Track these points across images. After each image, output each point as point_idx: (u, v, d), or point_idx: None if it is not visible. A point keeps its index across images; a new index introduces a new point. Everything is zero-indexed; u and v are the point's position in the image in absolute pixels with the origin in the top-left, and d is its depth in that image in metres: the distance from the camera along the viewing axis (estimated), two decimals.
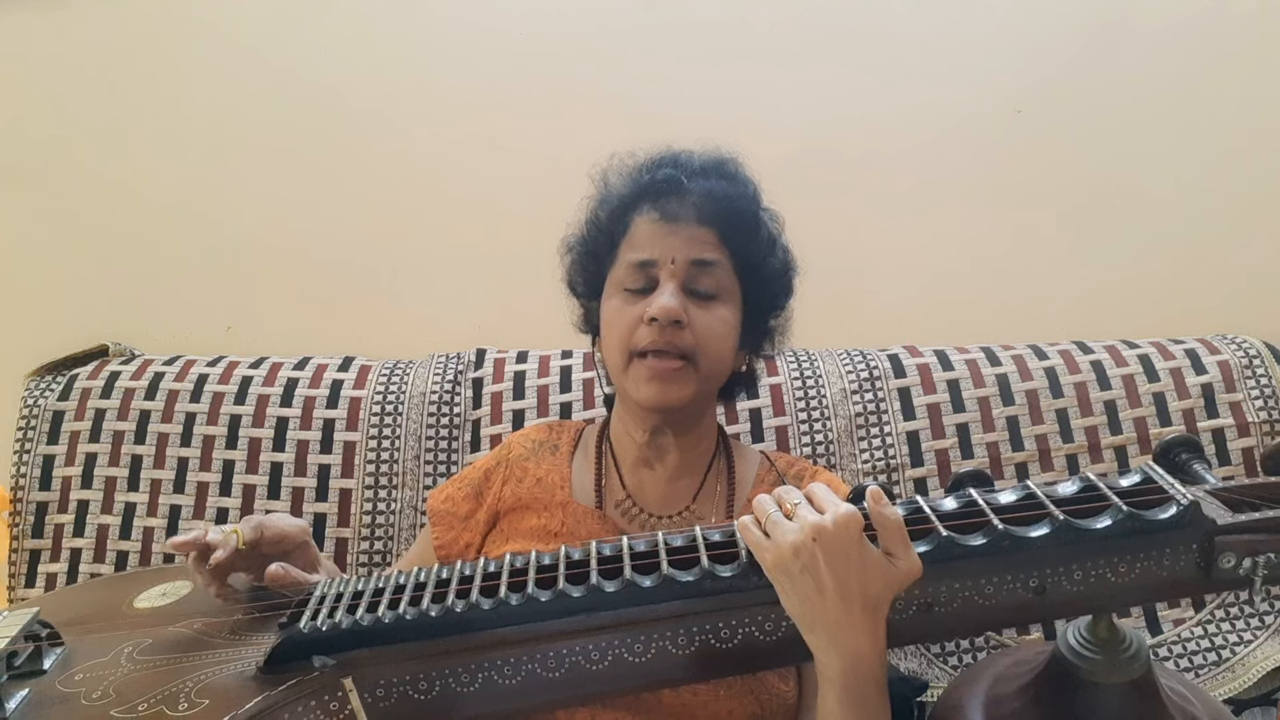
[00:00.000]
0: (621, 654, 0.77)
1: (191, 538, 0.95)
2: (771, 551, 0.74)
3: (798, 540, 0.73)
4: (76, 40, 1.73)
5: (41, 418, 1.54)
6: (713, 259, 1.03)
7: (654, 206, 1.04)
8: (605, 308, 1.07)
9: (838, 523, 0.73)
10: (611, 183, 1.12)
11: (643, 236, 1.04)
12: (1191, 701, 0.91)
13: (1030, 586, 0.76)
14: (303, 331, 1.71)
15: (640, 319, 1.01)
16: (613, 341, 1.05)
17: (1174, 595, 1.23)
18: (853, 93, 1.70)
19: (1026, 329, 1.59)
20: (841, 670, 0.74)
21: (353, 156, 1.75)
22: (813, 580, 0.72)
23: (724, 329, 1.04)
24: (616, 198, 1.09)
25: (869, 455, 1.45)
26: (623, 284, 1.05)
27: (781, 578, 0.74)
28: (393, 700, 0.77)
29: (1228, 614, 1.39)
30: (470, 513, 1.16)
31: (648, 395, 1.02)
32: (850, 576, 0.72)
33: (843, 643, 0.73)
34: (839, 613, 0.72)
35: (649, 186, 1.06)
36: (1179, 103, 1.68)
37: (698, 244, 1.02)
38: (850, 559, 0.72)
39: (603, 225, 1.10)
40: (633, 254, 1.04)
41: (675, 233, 1.02)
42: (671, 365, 1.01)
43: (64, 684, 0.82)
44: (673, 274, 1.01)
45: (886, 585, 0.73)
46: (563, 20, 1.70)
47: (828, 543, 0.72)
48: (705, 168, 1.07)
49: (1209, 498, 0.77)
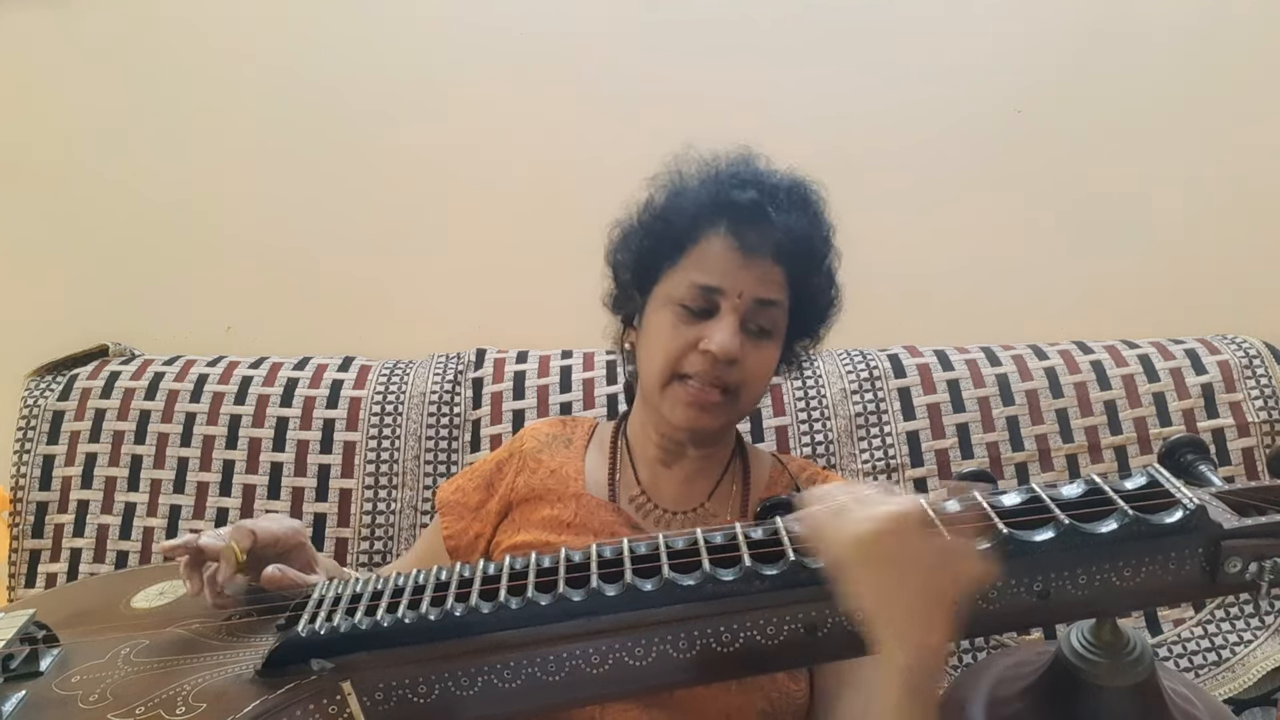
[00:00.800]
0: (622, 657, 0.77)
1: (183, 542, 0.93)
2: (851, 537, 0.72)
3: (867, 530, 0.71)
4: (76, 40, 1.73)
5: (41, 418, 1.54)
6: (777, 299, 1.01)
7: (732, 231, 0.99)
8: (655, 318, 1.04)
9: (902, 515, 0.71)
10: (687, 179, 1.06)
11: (713, 259, 1.00)
12: (1194, 703, 0.91)
13: (1034, 591, 0.75)
14: (303, 331, 1.71)
15: (693, 344, 0.99)
16: (659, 358, 1.02)
17: (1179, 599, 1.22)
18: (853, 92, 1.70)
19: (1026, 329, 1.59)
20: (908, 664, 0.72)
21: (353, 156, 1.74)
22: (895, 570, 0.71)
23: (769, 367, 1.04)
24: (692, 201, 1.03)
25: (869, 455, 1.45)
26: (680, 300, 1.01)
27: (859, 567, 0.72)
28: (392, 703, 0.77)
29: (1228, 614, 1.39)
30: (481, 503, 1.16)
31: (683, 418, 1.01)
32: (920, 571, 0.70)
33: (914, 635, 0.71)
34: (915, 603, 0.71)
35: (731, 206, 1.00)
36: (1179, 103, 1.68)
37: (767, 282, 1.00)
38: (918, 553, 0.71)
39: (672, 223, 1.04)
40: (700, 275, 1.00)
41: (748, 267, 0.99)
42: (712, 397, 1.00)
43: (61, 686, 0.81)
44: (736, 308, 0.99)
45: (952, 583, 0.71)
46: (563, 20, 1.70)
47: (895, 535, 0.70)
48: (790, 197, 1.02)
49: (1215, 501, 0.76)
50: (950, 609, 0.72)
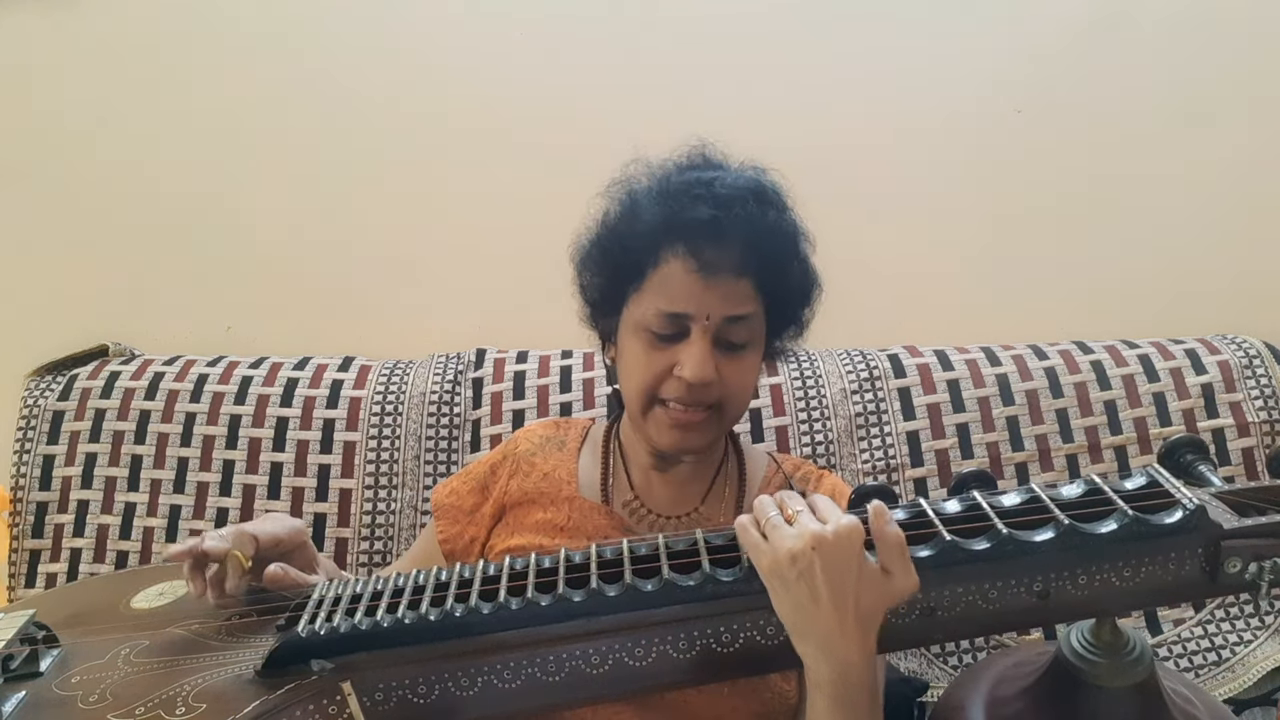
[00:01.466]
0: (622, 658, 0.77)
1: (187, 547, 0.92)
2: (769, 555, 0.74)
3: (797, 547, 0.72)
4: (77, 40, 1.73)
5: (41, 418, 1.54)
6: (748, 313, 0.97)
7: (690, 252, 0.94)
8: (628, 345, 1.01)
9: (839, 533, 0.72)
10: (639, 195, 1.01)
11: (676, 286, 0.95)
12: (1194, 704, 0.91)
13: (1034, 591, 0.75)
14: (303, 331, 1.71)
15: (667, 370, 0.97)
16: (635, 385, 1.00)
17: (1179, 599, 1.22)
18: (852, 92, 1.70)
19: (1026, 329, 1.59)
20: (830, 678, 0.74)
21: (353, 156, 1.74)
22: (808, 588, 0.72)
23: (750, 376, 1.02)
24: (646, 222, 0.98)
25: (869, 455, 1.45)
26: (649, 326, 0.97)
27: (776, 583, 0.74)
28: (392, 704, 0.77)
29: (1228, 614, 1.39)
30: (475, 506, 1.15)
31: (669, 441, 1.00)
32: (847, 588, 0.72)
33: (833, 651, 0.73)
34: (832, 622, 0.72)
35: (684, 225, 0.95)
36: (1179, 102, 1.67)
37: (733, 298, 0.96)
38: (849, 571, 0.72)
39: (628, 246, 1.00)
40: (663, 303, 0.96)
41: (711, 288, 0.94)
42: (696, 417, 0.98)
43: (61, 686, 0.82)
44: (706, 330, 0.95)
45: (881, 599, 0.73)
46: (563, 19, 1.70)
47: (827, 553, 0.72)
48: (744, 201, 0.95)
49: (1214, 501, 0.77)
50: (872, 626, 0.74)
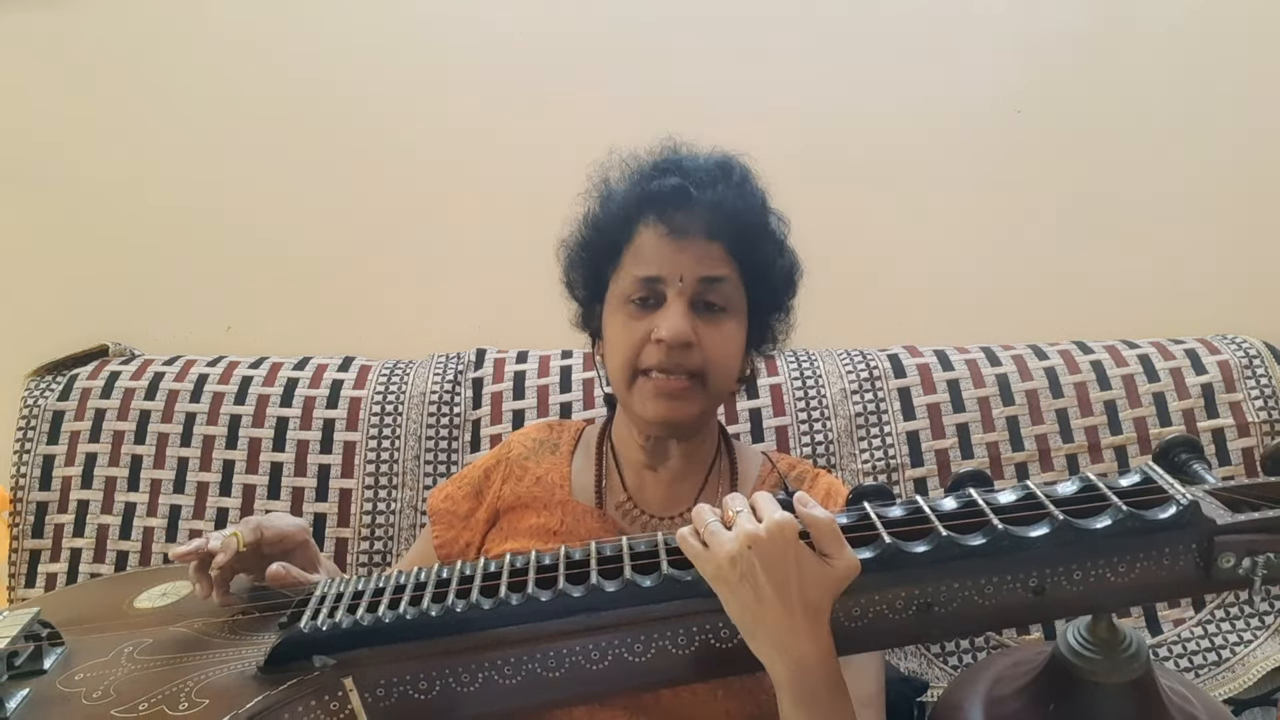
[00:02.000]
0: (621, 654, 0.77)
1: (193, 547, 0.94)
2: (710, 562, 0.75)
3: (733, 549, 0.73)
4: (76, 40, 1.73)
5: (41, 418, 1.54)
6: (722, 274, 0.99)
7: (660, 219, 0.99)
8: (609, 321, 1.04)
9: (770, 530, 0.73)
10: (613, 183, 1.08)
11: (649, 251, 1.00)
12: (1191, 701, 0.91)
13: (1030, 586, 0.76)
14: (303, 331, 1.71)
15: (647, 337, 0.98)
16: (617, 358, 1.02)
17: (1174, 595, 1.22)
18: (852, 92, 1.70)
19: (1026, 329, 1.59)
20: (788, 675, 0.75)
21: (353, 156, 1.74)
22: (751, 589, 0.73)
23: (732, 345, 1.02)
24: (619, 202, 1.04)
25: (869, 455, 1.45)
26: (628, 297, 1.01)
27: (721, 587, 0.75)
28: (393, 700, 0.77)
29: (1227, 614, 1.39)
30: (470, 511, 1.16)
31: (654, 412, 1.00)
32: (788, 582, 0.73)
33: (786, 648, 0.74)
34: (779, 619, 0.73)
35: (655, 195, 1.00)
36: (1179, 102, 1.68)
37: (707, 260, 0.99)
38: (786, 565, 0.73)
39: (604, 229, 1.05)
40: (639, 269, 1.00)
41: (683, 249, 0.98)
42: (679, 384, 0.99)
43: (64, 684, 0.82)
44: (680, 292, 0.98)
45: (825, 587, 0.74)
46: (563, 19, 1.70)
47: (762, 550, 0.72)
48: (711, 174, 1.01)
49: (1208, 498, 0.77)
50: (821, 617, 0.74)
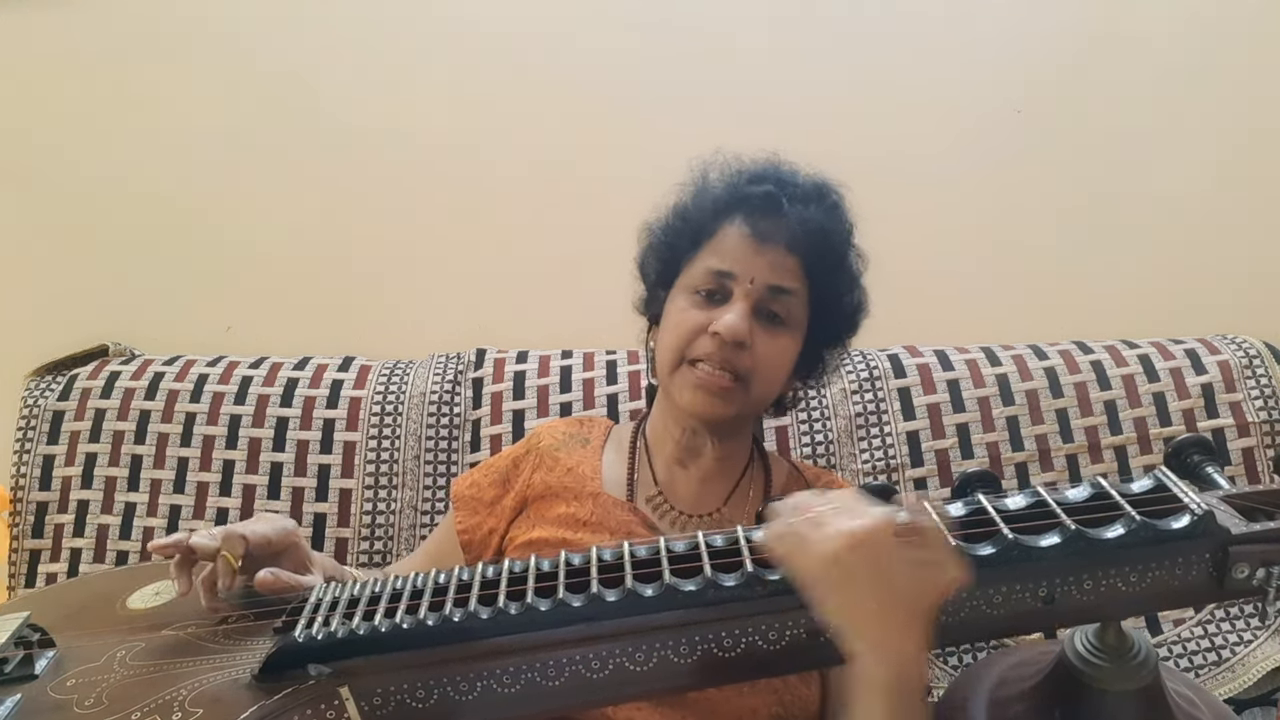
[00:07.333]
0: (622, 663, 0.76)
1: (173, 541, 0.91)
2: (807, 562, 0.71)
3: (835, 549, 0.70)
4: (76, 40, 1.72)
5: (41, 418, 1.53)
6: (791, 287, 1.02)
7: (747, 220, 1.02)
8: (671, 307, 1.06)
9: (873, 529, 0.70)
10: (710, 180, 1.10)
11: (729, 247, 1.02)
12: (1197, 705, 0.90)
13: (1039, 596, 0.74)
14: (303, 331, 1.70)
15: (703, 327, 1.00)
16: (669, 341, 1.04)
17: (1186, 604, 1.21)
18: (853, 93, 1.70)
19: (1026, 329, 1.59)
20: (886, 678, 0.71)
21: (353, 156, 1.74)
22: (854, 590, 0.70)
23: (783, 358, 1.04)
24: (711, 198, 1.07)
25: (869, 455, 1.44)
26: (695, 286, 1.04)
27: (820, 589, 0.71)
28: (390, 709, 0.76)
29: (1227, 614, 1.39)
30: (497, 498, 1.16)
31: (691, 402, 1.02)
32: (893, 581, 0.69)
33: (888, 650, 0.70)
34: (883, 621, 0.70)
35: (747, 198, 1.03)
36: (1179, 102, 1.67)
37: (780, 270, 1.01)
38: (890, 566, 0.69)
39: (690, 220, 1.08)
40: (713, 261, 1.03)
41: (761, 253, 1.01)
42: (722, 381, 1.00)
43: (56, 690, 0.81)
44: (748, 293, 1.00)
45: (927, 592, 0.71)
46: (563, 22, 1.70)
47: (866, 551, 0.69)
48: (806, 193, 1.04)
49: (1222, 505, 0.75)
50: (926, 615, 0.71)
